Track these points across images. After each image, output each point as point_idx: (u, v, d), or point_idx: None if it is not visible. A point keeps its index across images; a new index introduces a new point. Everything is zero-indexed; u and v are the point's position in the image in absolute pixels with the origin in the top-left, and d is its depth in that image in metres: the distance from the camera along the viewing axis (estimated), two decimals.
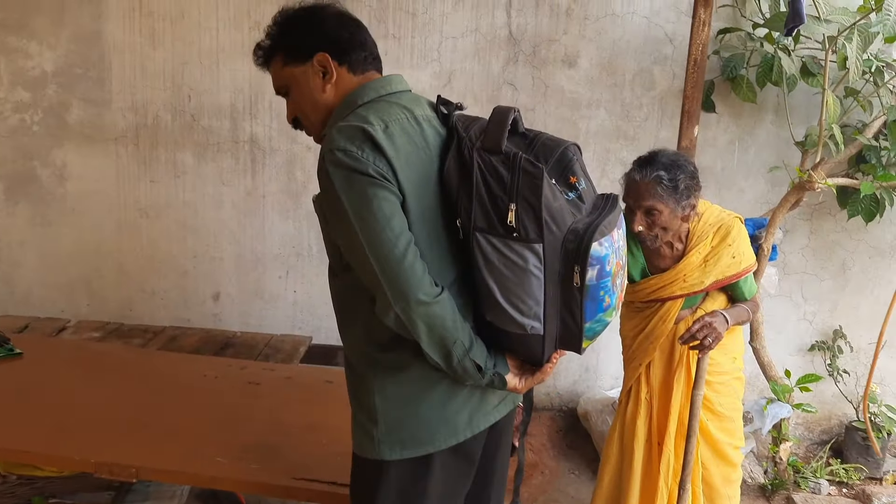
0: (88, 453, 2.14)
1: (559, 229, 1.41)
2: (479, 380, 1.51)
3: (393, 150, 1.43)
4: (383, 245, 1.40)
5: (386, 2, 3.65)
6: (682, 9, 3.59)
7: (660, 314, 2.37)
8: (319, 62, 1.56)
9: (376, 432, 1.55)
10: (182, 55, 3.77)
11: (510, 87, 3.72)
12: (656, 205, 2.17)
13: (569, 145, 1.50)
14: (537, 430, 3.76)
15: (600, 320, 1.49)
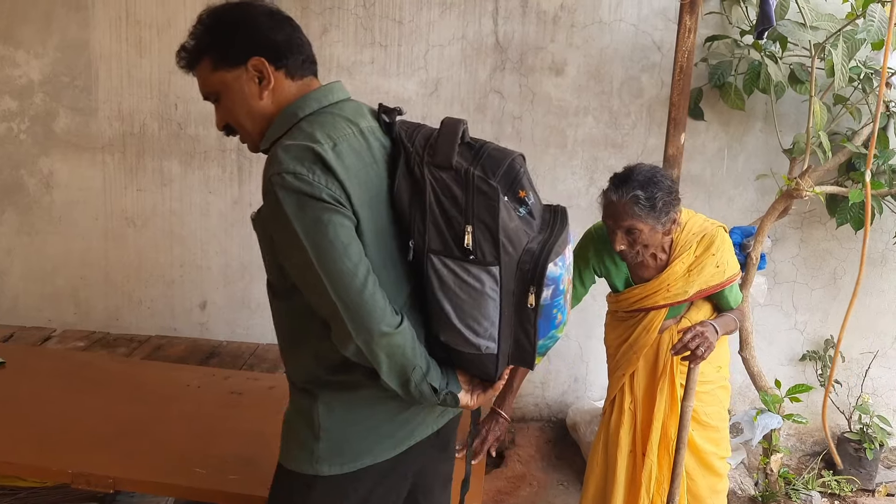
0: (66, 464, 2.12)
1: (515, 251, 1.39)
2: (434, 401, 1.48)
3: (344, 170, 1.36)
4: (343, 276, 1.33)
5: (372, 10, 3.64)
6: (669, 16, 3.58)
7: (643, 324, 2.35)
8: (255, 67, 1.45)
9: (317, 448, 1.50)
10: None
11: (497, 95, 3.71)
12: (636, 224, 2.13)
13: (515, 156, 1.45)
14: (525, 441, 3.73)
15: (552, 336, 1.50)
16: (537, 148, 3.75)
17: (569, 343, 3.93)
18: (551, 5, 3.63)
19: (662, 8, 3.61)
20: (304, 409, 1.52)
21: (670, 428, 2.34)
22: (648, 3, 3.62)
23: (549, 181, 3.78)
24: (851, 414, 3.81)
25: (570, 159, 3.76)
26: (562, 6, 3.63)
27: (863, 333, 3.87)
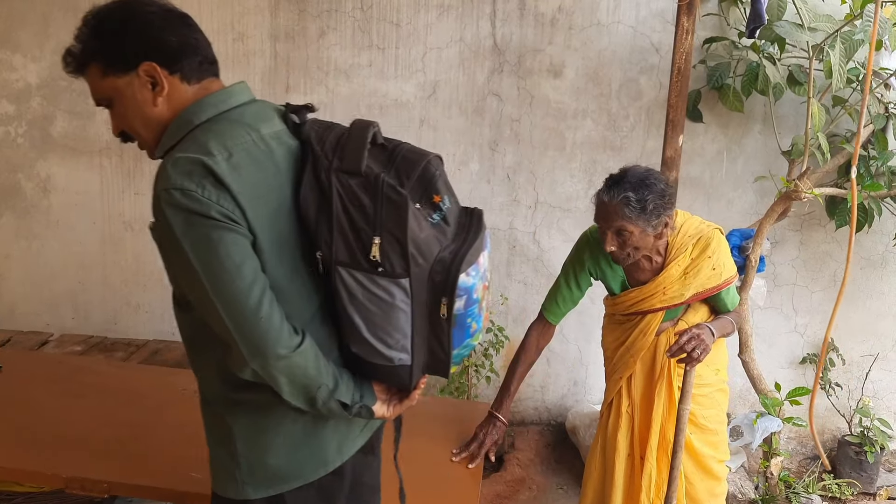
0: (60, 468, 2.10)
1: (426, 261, 1.34)
2: (345, 416, 1.44)
3: (239, 183, 1.27)
4: (235, 298, 1.26)
5: (370, 12, 3.64)
6: (667, 18, 3.58)
7: (640, 327, 2.33)
8: (146, 73, 1.34)
9: (239, 473, 1.46)
10: None
11: (495, 98, 3.71)
12: (625, 226, 2.12)
13: (431, 158, 1.39)
14: (525, 444, 3.71)
15: (468, 345, 1.46)
16: (536, 150, 3.74)
17: (568, 346, 3.92)
18: (549, 7, 3.63)
19: (660, 10, 3.60)
20: (220, 433, 1.48)
21: (669, 431, 2.32)
22: (647, 4, 3.62)
23: (548, 184, 3.77)
24: (852, 417, 3.79)
25: (569, 162, 3.75)
26: (560, 8, 3.63)
27: (863, 336, 3.86)
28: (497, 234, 3.84)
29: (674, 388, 2.32)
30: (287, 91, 3.73)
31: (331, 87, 3.72)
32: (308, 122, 1.42)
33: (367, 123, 1.38)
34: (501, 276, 3.88)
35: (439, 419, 2.54)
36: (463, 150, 3.76)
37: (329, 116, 3.74)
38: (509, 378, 2.41)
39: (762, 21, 2.92)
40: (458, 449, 2.29)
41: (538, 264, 3.85)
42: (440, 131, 3.75)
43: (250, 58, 3.71)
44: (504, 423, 2.33)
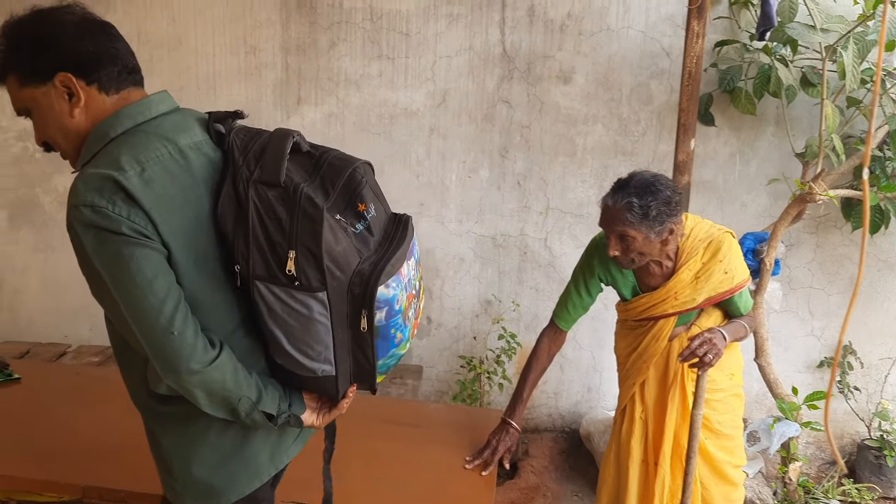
0: (78, 478, 2.13)
1: (343, 274, 1.32)
2: (271, 426, 1.43)
3: (151, 199, 1.26)
4: (146, 314, 1.25)
5: (379, 23, 3.66)
6: (677, 22, 3.57)
7: (653, 332, 2.32)
8: (62, 83, 1.32)
9: (175, 485, 1.47)
10: (180, 81, 3.79)
11: (505, 105, 3.71)
12: (628, 231, 2.11)
13: (358, 165, 1.36)
14: (539, 451, 3.70)
15: (393, 355, 1.45)
16: (546, 156, 3.74)
17: (581, 353, 3.91)
18: (558, 14, 3.63)
19: (670, 14, 3.60)
20: (153, 444, 1.49)
21: (683, 437, 2.31)
22: (656, 9, 3.61)
23: (559, 190, 3.77)
24: (871, 420, 3.74)
25: (580, 167, 3.75)
26: (569, 14, 3.63)
27: (882, 339, 3.81)
28: (508, 241, 3.84)
29: (687, 394, 2.30)
30: (298, 102, 3.76)
31: (341, 97, 3.74)
32: (234, 130, 1.41)
33: (287, 132, 1.35)
34: (513, 283, 3.88)
35: (452, 426, 2.54)
36: (473, 158, 3.77)
37: (340, 126, 3.80)
38: (522, 385, 2.40)
39: (772, 23, 2.91)
40: (472, 456, 2.29)
41: (549, 270, 3.85)
42: (450, 139, 3.76)
43: (262, 70, 3.75)
44: (517, 430, 2.33)
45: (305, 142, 1.38)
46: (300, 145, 1.36)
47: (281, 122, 3.78)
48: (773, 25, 2.92)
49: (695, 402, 2.21)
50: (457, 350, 3.94)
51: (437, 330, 3.95)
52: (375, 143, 3.78)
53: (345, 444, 2.38)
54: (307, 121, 3.78)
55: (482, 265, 3.88)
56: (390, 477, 2.21)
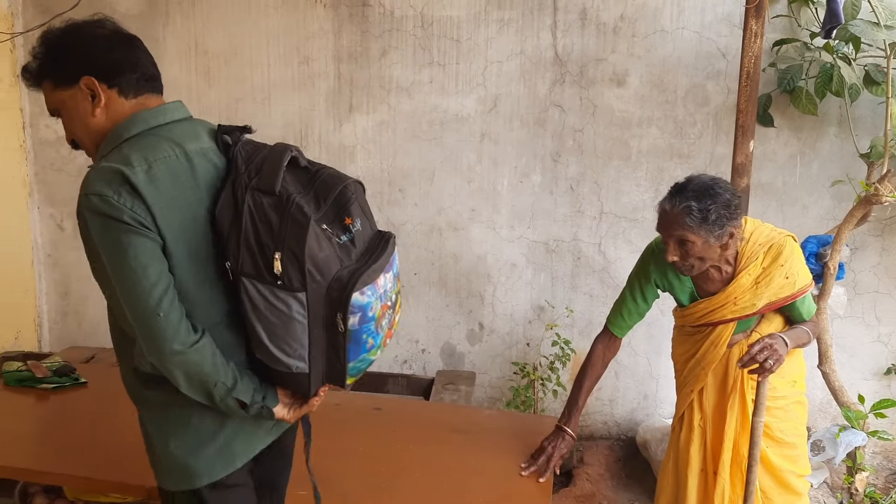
0: (145, 479, 2.16)
1: (323, 278, 1.44)
2: (243, 415, 1.54)
3: (153, 194, 1.40)
4: (137, 296, 1.39)
5: (430, 30, 3.68)
6: (734, 22, 3.50)
7: (711, 339, 2.27)
8: (87, 86, 1.49)
9: (159, 465, 1.60)
10: (235, 92, 3.87)
11: (557, 109, 3.69)
12: (687, 235, 2.06)
13: (349, 183, 1.50)
14: (594, 459, 3.65)
15: (364, 359, 1.54)
16: (600, 160, 3.70)
17: (637, 359, 3.85)
18: (611, 16, 3.60)
19: (727, 13, 3.53)
20: (143, 429, 1.61)
21: (742, 445, 2.25)
22: (712, 9, 3.55)
23: (613, 194, 3.72)
24: None
25: (634, 171, 3.70)
26: (622, 17, 3.59)
27: None
28: (561, 246, 3.81)
29: (747, 401, 2.24)
30: (350, 111, 3.80)
31: (392, 104, 3.77)
32: (241, 142, 1.54)
33: (284, 147, 1.49)
34: (566, 289, 3.85)
35: (506, 432, 2.53)
36: (525, 163, 3.76)
37: (391, 133, 3.83)
38: (576, 391, 2.37)
39: (839, 21, 2.82)
40: (526, 463, 2.27)
41: (604, 276, 3.80)
42: (501, 144, 3.75)
43: (315, 80, 3.80)
44: (572, 437, 2.30)
45: (304, 157, 1.52)
46: (298, 160, 1.50)
47: (333, 130, 3.82)
48: (840, 23, 2.83)
49: (755, 409, 2.15)
50: (509, 356, 3.92)
51: (489, 336, 3.94)
52: (426, 150, 3.79)
53: (400, 450, 2.40)
54: (359, 128, 3.81)
55: (535, 271, 3.86)
56: (446, 484, 2.21)
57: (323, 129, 3.83)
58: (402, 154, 3.81)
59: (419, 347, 3.99)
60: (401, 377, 3.70)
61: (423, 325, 3.96)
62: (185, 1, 3.82)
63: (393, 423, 2.62)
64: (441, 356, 3.98)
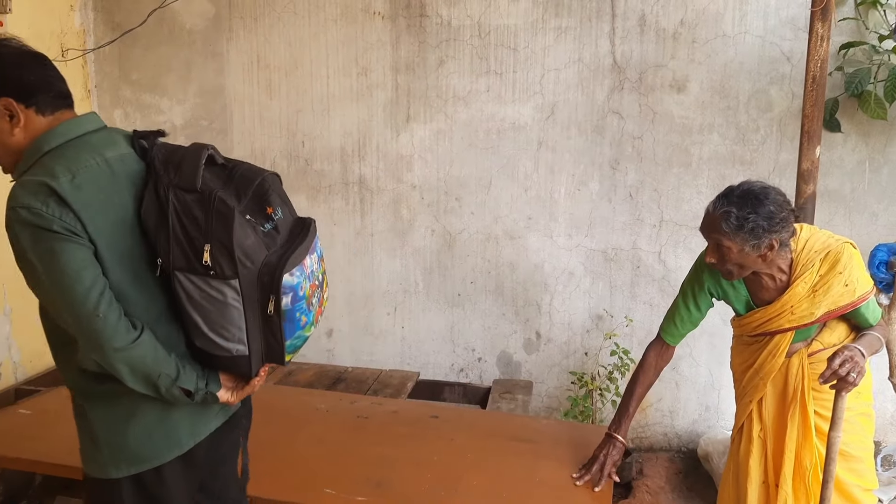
0: None
1: (253, 264, 1.53)
2: (188, 402, 1.63)
3: (80, 202, 1.46)
4: (75, 300, 1.46)
5: (487, 39, 3.70)
6: (799, 25, 3.42)
7: (769, 349, 2.20)
8: (5, 106, 1.54)
9: (100, 455, 1.64)
10: (296, 104, 3.95)
11: (616, 116, 3.66)
12: (721, 240, 2.03)
13: (266, 175, 1.59)
14: (654, 471, 3.59)
15: (300, 336, 1.65)
16: (659, 167, 3.66)
17: (698, 370, 3.77)
18: (671, 22, 3.56)
19: (791, 17, 3.45)
20: (82, 421, 1.67)
21: (805, 458, 2.17)
22: (775, 13, 3.48)
23: (673, 201, 3.67)
24: None
25: (695, 178, 3.64)
26: (682, 22, 3.55)
27: None
28: (620, 255, 3.77)
29: (809, 412, 2.17)
30: (408, 120, 3.84)
31: (450, 113, 3.79)
32: (156, 146, 1.61)
33: (201, 146, 1.57)
34: (625, 298, 3.80)
35: (564, 442, 2.52)
36: (583, 170, 3.73)
37: (448, 142, 3.86)
38: (627, 399, 2.34)
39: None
40: (578, 472, 2.26)
41: (664, 284, 3.74)
42: (558, 152, 3.74)
43: (373, 90, 3.85)
44: (623, 444, 2.28)
45: (220, 155, 1.60)
46: (215, 158, 1.58)
47: (391, 139, 3.87)
48: None
49: (832, 424, 2.06)
50: (567, 366, 3.89)
51: (546, 345, 3.92)
52: (483, 158, 3.80)
53: (458, 458, 2.41)
54: (416, 138, 3.85)
55: (593, 279, 3.82)
56: (505, 492, 2.21)
57: (381, 138, 3.88)
58: (459, 163, 3.83)
59: (475, 356, 3.99)
60: (457, 385, 3.71)
61: (479, 334, 3.96)
62: (247, 16, 3.93)
63: (450, 431, 2.63)
64: (497, 365, 3.97)
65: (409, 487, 2.22)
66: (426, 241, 3.92)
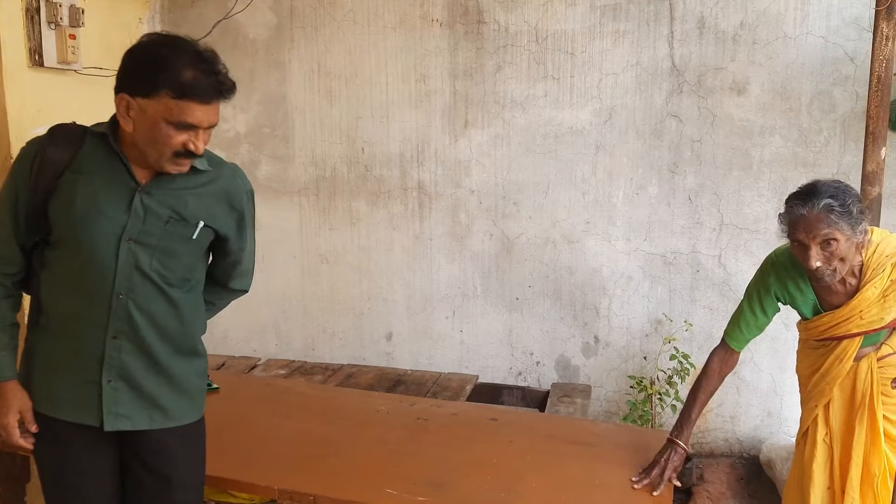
0: (273, 480, 2.31)
1: None
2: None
3: None
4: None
5: (545, 44, 3.72)
6: (862, 25, 3.35)
7: (836, 353, 2.18)
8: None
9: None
10: (356, 110, 4.03)
11: (674, 119, 3.64)
12: (833, 233, 2.00)
13: None
14: (715, 477, 3.55)
15: None
16: (719, 171, 3.62)
17: (760, 375, 3.72)
18: (730, 24, 3.52)
19: (854, 17, 3.39)
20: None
21: (873, 463, 2.14)
22: (838, 13, 3.42)
23: (734, 205, 3.63)
24: None
25: (756, 181, 3.60)
26: (742, 24, 3.51)
27: None
28: (679, 259, 3.74)
29: (877, 417, 2.14)
30: (466, 126, 3.88)
31: (507, 119, 3.83)
32: None
33: None
34: (685, 302, 3.77)
35: (624, 446, 2.51)
36: (641, 174, 3.72)
37: (506, 147, 3.89)
38: (690, 405, 2.34)
39: None
40: (638, 476, 2.26)
41: (724, 289, 3.70)
42: (616, 156, 3.73)
43: (432, 97, 3.91)
44: (685, 450, 2.27)
45: None
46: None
47: (449, 145, 3.92)
48: None
49: None
50: (625, 370, 3.88)
51: (604, 349, 3.91)
52: (541, 163, 3.82)
53: (517, 460, 2.43)
54: (474, 143, 3.89)
55: (651, 283, 3.80)
56: (564, 494, 2.22)
57: (439, 144, 3.94)
58: (517, 167, 3.86)
59: (534, 360, 4.01)
60: (516, 389, 3.74)
61: (537, 338, 3.98)
62: (308, 26, 4.03)
63: (509, 434, 2.66)
64: (556, 369, 3.98)
65: (469, 489, 2.26)
66: (484, 246, 3.96)
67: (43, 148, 1.79)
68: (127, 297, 1.79)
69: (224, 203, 1.91)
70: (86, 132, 1.83)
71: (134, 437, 1.90)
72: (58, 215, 1.77)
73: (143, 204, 1.78)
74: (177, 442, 1.94)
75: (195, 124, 1.71)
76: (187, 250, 1.85)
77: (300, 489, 2.24)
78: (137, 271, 1.79)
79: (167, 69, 1.66)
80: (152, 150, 1.73)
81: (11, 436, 1.86)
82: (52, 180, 1.77)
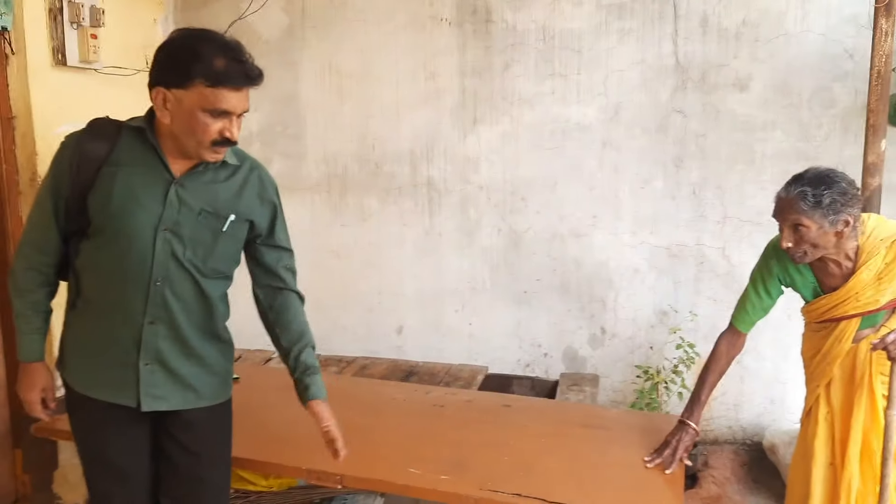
0: (301, 461, 2.40)
1: None
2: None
3: None
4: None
5: (552, 42, 3.81)
6: (861, 22, 3.45)
7: (835, 334, 2.27)
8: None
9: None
10: (367, 108, 4.12)
11: (679, 115, 3.73)
12: (801, 219, 2.11)
13: None
14: (719, 463, 3.64)
15: None
16: (723, 165, 3.72)
17: (763, 364, 3.82)
18: (732, 22, 3.62)
19: (853, 14, 3.49)
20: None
21: (873, 440, 2.23)
22: (837, 10, 3.51)
23: (737, 198, 3.72)
24: None
25: (759, 175, 3.69)
26: (744, 22, 3.61)
27: None
28: (684, 251, 3.84)
29: (876, 396, 2.23)
30: (474, 123, 3.97)
31: (515, 116, 3.92)
32: None
33: None
34: (689, 293, 3.86)
35: (634, 429, 2.60)
36: (647, 169, 3.82)
37: (514, 144, 3.98)
38: (700, 387, 2.43)
39: None
40: (650, 456, 2.34)
41: (728, 280, 3.80)
42: (623, 151, 3.83)
43: (441, 94, 4.00)
44: (695, 431, 2.36)
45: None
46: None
47: (458, 142, 4.01)
48: None
49: (890, 402, 2.14)
50: (632, 360, 3.97)
51: (611, 340, 4.00)
52: (549, 159, 3.91)
53: (532, 442, 2.52)
54: (483, 140, 3.98)
55: (657, 276, 3.90)
56: (580, 472, 2.30)
57: (448, 141, 4.03)
58: (525, 163, 3.95)
59: (541, 351, 4.10)
60: (525, 379, 3.83)
61: (545, 330, 4.07)
62: (319, 25, 4.12)
63: (523, 419, 2.74)
64: (563, 360, 4.07)
65: (489, 468, 2.34)
66: (493, 240, 4.05)
67: (82, 143, 1.87)
68: (164, 285, 1.88)
69: (255, 196, 2.04)
70: (121, 127, 1.90)
71: (167, 417, 2.00)
72: (97, 207, 1.85)
73: (177, 196, 1.87)
74: (208, 421, 2.06)
75: (229, 110, 1.78)
76: (219, 242, 1.95)
77: (327, 469, 2.32)
78: (174, 259, 1.88)
79: (200, 59, 1.74)
80: (191, 140, 1.81)
81: (34, 410, 2.02)
82: (91, 174, 1.85)
